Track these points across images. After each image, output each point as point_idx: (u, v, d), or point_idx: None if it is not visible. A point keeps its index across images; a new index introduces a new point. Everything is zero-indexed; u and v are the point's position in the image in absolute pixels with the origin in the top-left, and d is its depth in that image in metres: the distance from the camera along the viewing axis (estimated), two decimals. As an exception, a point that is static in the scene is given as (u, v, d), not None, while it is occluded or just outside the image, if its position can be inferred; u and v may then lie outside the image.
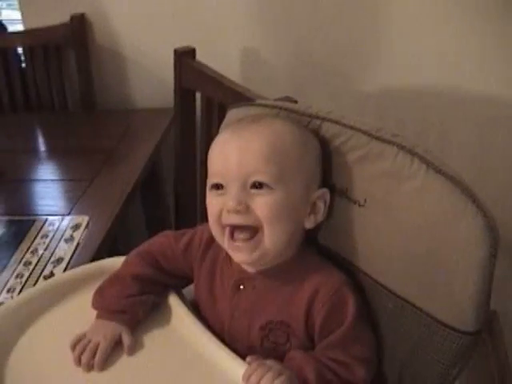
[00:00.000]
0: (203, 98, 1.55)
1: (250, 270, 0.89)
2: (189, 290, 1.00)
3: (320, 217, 0.86)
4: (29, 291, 1.04)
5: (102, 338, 0.88)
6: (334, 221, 0.88)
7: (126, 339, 0.89)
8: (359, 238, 0.85)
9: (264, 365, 0.78)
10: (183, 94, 1.59)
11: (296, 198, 0.83)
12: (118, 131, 1.87)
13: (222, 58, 1.86)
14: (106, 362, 0.86)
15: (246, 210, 0.81)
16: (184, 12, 1.91)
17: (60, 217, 1.40)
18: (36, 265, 1.23)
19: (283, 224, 0.83)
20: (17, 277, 1.19)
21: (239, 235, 0.83)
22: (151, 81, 2.01)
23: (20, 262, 1.24)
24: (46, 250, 1.28)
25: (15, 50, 2.09)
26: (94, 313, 0.93)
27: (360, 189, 0.84)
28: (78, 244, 1.29)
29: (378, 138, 0.82)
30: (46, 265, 1.22)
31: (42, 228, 1.35)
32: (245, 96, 1.34)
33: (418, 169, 0.76)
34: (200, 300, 0.96)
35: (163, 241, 0.98)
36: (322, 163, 0.88)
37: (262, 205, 0.81)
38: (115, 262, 1.00)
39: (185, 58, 1.55)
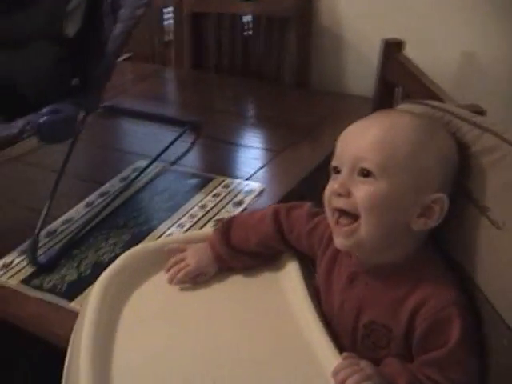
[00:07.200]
0: (403, 94, 1.51)
1: (367, 264, 0.87)
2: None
3: (433, 222, 0.82)
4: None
5: (194, 262, 0.98)
6: (468, 237, 0.82)
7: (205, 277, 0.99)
8: (489, 261, 0.79)
9: (357, 364, 0.76)
10: (383, 85, 1.56)
11: (400, 195, 0.80)
12: (323, 112, 1.88)
13: (438, 58, 1.80)
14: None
15: (348, 194, 0.81)
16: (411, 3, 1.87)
17: (238, 180, 1.46)
18: (199, 219, 1.30)
19: (381, 217, 0.81)
20: (178, 226, 1.27)
21: (343, 221, 0.83)
22: (365, 68, 1.98)
23: (186, 214, 1.33)
24: (213, 207, 1.35)
25: (241, 18, 2.19)
26: None
27: (502, 211, 0.77)
28: (244, 209, 1.34)
29: None
30: (208, 222, 1.29)
31: (217, 187, 1.43)
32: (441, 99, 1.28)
33: None
34: (319, 284, 0.96)
35: (299, 214, 0.99)
36: (468, 174, 0.83)
37: (362, 193, 0.80)
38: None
39: (392, 49, 1.53)
